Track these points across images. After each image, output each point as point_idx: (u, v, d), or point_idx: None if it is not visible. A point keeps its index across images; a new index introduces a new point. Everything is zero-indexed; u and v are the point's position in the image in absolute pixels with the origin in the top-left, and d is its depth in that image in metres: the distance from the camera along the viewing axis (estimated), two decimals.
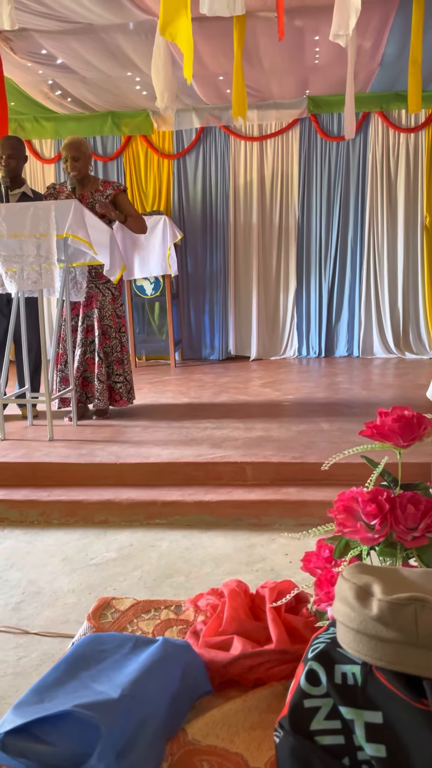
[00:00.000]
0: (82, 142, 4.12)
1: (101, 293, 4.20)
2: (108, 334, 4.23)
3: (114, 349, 4.25)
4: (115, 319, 4.25)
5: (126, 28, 4.32)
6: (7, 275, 3.62)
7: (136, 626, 1.50)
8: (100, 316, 4.20)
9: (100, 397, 4.17)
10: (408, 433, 1.31)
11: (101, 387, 4.17)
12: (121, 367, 4.27)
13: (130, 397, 4.34)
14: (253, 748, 1.11)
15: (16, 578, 2.53)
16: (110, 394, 4.26)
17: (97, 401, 4.19)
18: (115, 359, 4.26)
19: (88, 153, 4.15)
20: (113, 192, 4.21)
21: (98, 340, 4.17)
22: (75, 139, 4.13)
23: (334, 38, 3.18)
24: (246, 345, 6.78)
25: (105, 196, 4.17)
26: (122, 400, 4.28)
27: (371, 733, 0.95)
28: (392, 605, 0.95)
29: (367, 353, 6.55)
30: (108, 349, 4.24)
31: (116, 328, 4.25)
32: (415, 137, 6.31)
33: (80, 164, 4.10)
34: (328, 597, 1.29)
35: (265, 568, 2.55)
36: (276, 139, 6.49)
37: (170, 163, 6.64)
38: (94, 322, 4.18)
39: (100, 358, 4.17)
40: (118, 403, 4.28)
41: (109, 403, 4.26)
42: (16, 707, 1.10)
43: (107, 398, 4.22)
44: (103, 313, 4.21)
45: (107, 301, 4.22)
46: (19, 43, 4.56)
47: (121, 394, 4.27)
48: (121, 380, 4.26)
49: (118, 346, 4.26)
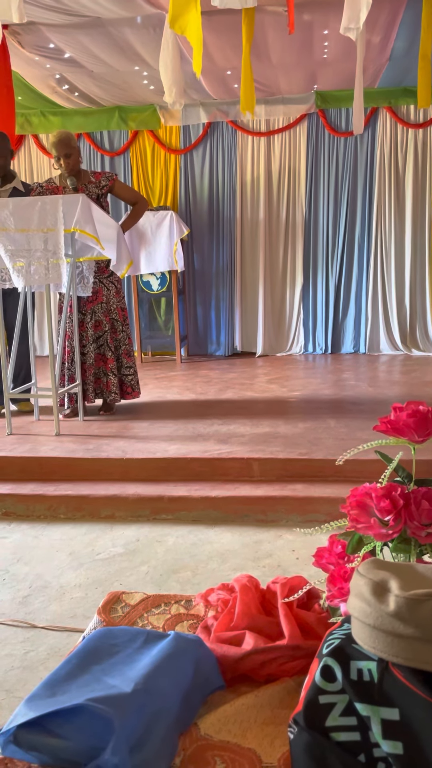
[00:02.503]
0: (71, 137, 4.10)
1: (105, 288, 4.20)
2: (116, 327, 4.24)
3: (122, 342, 4.26)
4: (121, 313, 4.26)
5: (134, 21, 4.30)
6: (15, 270, 3.61)
7: (146, 621, 1.49)
8: (107, 310, 4.20)
9: (116, 390, 4.18)
10: (423, 428, 1.30)
11: (116, 380, 4.19)
12: (130, 359, 4.29)
13: (139, 389, 4.35)
14: (266, 743, 1.11)
15: (23, 572, 2.53)
16: (121, 386, 4.27)
17: (113, 395, 4.19)
18: (123, 352, 4.27)
19: (77, 146, 4.15)
20: (108, 183, 4.20)
21: (108, 334, 4.18)
22: (63, 135, 4.08)
23: (345, 31, 3.15)
24: (252, 341, 6.76)
25: (100, 188, 4.17)
26: (134, 392, 4.30)
27: (388, 729, 0.94)
28: (410, 601, 0.94)
29: (374, 350, 6.52)
30: (116, 342, 4.24)
31: (122, 321, 4.27)
32: (424, 133, 6.27)
33: (73, 160, 4.09)
34: (341, 593, 1.28)
35: (272, 564, 2.55)
36: (283, 134, 6.46)
37: (177, 158, 6.62)
38: (102, 317, 4.18)
39: (111, 352, 4.18)
40: (129, 396, 4.29)
41: (121, 396, 4.27)
42: (28, 701, 1.09)
43: (120, 392, 4.24)
44: (110, 307, 4.21)
45: (112, 295, 4.23)
46: (26, 37, 4.54)
47: (132, 386, 4.29)
48: (131, 372, 4.28)
49: (126, 338, 4.28)
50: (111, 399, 4.22)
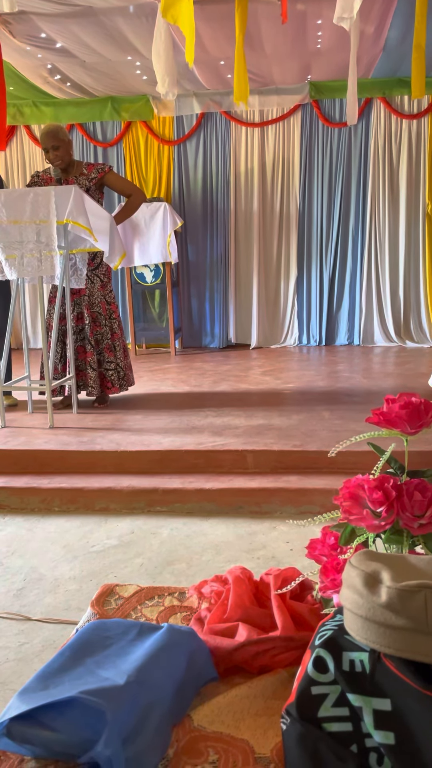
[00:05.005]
0: (59, 129, 4.06)
1: (89, 280, 4.18)
2: (98, 321, 4.21)
3: (104, 336, 4.22)
4: (105, 306, 4.22)
5: (126, 11, 4.27)
6: (7, 262, 3.59)
7: (140, 613, 1.49)
8: (89, 303, 4.18)
9: (93, 384, 4.16)
10: (415, 420, 1.30)
11: (94, 374, 4.16)
12: (112, 354, 4.24)
13: (123, 384, 4.30)
14: (258, 734, 1.11)
15: (17, 565, 2.53)
16: (102, 381, 4.24)
17: (90, 389, 4.18)
18: (106, 346, 4.23)
19: (67, 138, 4.10)
20: (98, 175, 4.16)
21: (89, 327, 4.15)
22: (51, 127, 4.05)
23: (338, 21, 3.13)
24: (246, 333, 6.76)
25: (90, 180, 4.13)
26: (114, 387, 4.26)
27: (380, 720, 0.95)
28: (402, 592, 0.94)
29: (368, 342, 6.53)
30: (98, 336, 4.21)
31: (106, 315, 4.23)
32: (418, 123, 6.25)
33: (61, 152, 4.05)
34: (334, 584, 1.28)
35: (266, 556, 2.55)
36: (277, 125, 6.43)
37: (171, 149, 6.58)
38: (84, 309, 4.16)
39: (91, 346, 4.15)
40: (110, 391, 4.26)
41: (102, 391, 4.24)
42: (21, 693, 1.09)
43: (99, 386, 4.21)
44: (93, 300, 4.19)
45: (96, 288, 4.20)
46: (18, 26, 4.50)
47: (113, 381, 4.24)
48: (112, 367, 4.24)
49: (109, 333, 4.23)
50: (89, 393, 4.20)
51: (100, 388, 4.22)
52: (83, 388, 4.25)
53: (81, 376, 4.23)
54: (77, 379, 4.21)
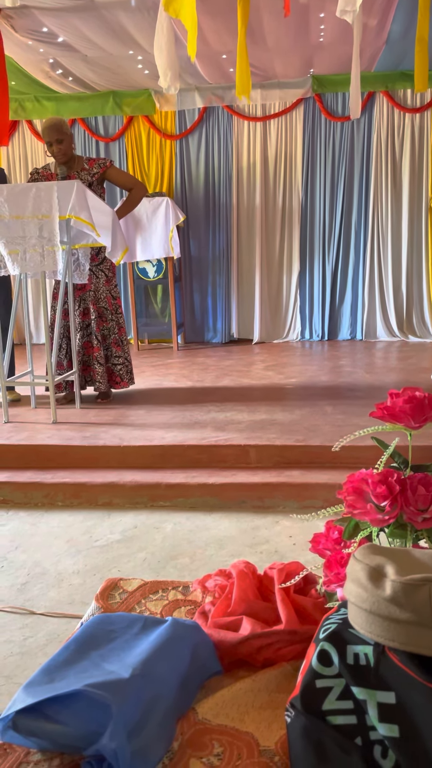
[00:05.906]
0: (62, 123, 4.06)
1: (95, 275, 4.18)
2: (104, 316, 4.21)
3: (111, 331, 4.23)
4: (111, 301, 4.23)
5: (128, 4, 4.25)
6: (10, 257, 3.59)
7: (144, 607, 1.49)
8: (95, 298, 4.17)
9: (101, 380, 4.16)
10: (419, 414, 1.30)
11: (101, 370, 4.16)
12: (120, 348, 4.25)
13: (131, 378, 4.33)
14: (263, 727, 1.11)
15: (21, 560, 2.54)
16: (110, 376, 4.25)
17: (98, 384, 4.18)
18: (113, 341, 4.23)
19: (69, 132, 4.10)
20: (100, 170, 4.15)
21: (95, 323, 4.15)
22: (54, 121, 4.04)
23: (341, 14, 3.12)
24: (249, 328, 6.75)
25: (91, 175, 4.12)
26: (123, 382, 4.27)
27: (384, 713, 0.95)
28: (406, 586, 0.95)
29: (371, 336, 6.52)
30: (105, 331, 4.22)
31: (112, 309, 4.23)
32: (421, 117, 6.23)
33: (65, 146, 4.05)
34: (338, 578, 1.29)
35: (269, 550, 2.56)
36: (280, 119, 6.41)
37: (173, 143, 6.57)
38: (90, 305, 4.16)
39: (98, 341, 4.16)
40: (118, 386, 4.27)
41: (110, 386, 4.25)
42: (26, 687, 1.09)
43: (107, 381, 4.21)
44: (98, 295, 4.19)
45: (101, 283, 4.20)
46: (20, 20, 4.49)
47: (121, 375, 4.26)
48: (120, 362, 4.25)
49: (116, 327, 4.24)
50: (96, 388, 4.21)
51: (108, 383, 4.23)
52: (90, 383, 4.25)
53: (88, 372, 4.23)
54: (84, 374, 4.21)
